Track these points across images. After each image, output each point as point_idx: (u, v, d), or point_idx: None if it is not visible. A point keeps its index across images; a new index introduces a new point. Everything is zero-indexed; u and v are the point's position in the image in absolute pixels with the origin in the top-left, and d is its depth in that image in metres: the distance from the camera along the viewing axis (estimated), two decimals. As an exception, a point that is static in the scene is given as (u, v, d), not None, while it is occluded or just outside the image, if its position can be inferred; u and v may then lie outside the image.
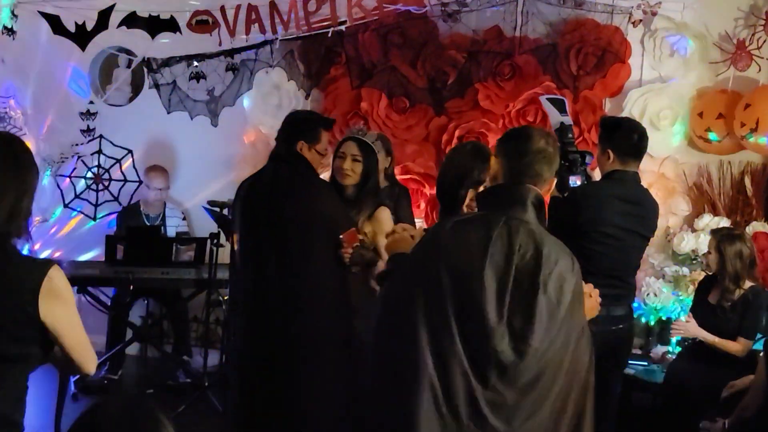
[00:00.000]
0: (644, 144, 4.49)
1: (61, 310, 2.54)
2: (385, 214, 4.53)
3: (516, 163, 2.81)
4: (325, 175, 4.83)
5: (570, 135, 4.50)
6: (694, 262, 6.18)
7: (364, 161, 4.53)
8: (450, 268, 2.68)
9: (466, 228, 2.79)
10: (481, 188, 3.27)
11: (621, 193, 4.39)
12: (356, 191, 4.52)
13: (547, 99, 4.79)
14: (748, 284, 5.32)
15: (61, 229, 7.26)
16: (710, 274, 5.54)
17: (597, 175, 4.73)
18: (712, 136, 6.36)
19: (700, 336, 5.32)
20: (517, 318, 2.61)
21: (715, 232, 5.50)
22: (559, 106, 4.64)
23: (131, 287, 6.05)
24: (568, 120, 4.57)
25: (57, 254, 7.16)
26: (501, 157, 2.88)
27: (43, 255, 7.28)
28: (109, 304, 6.66)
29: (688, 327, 5.35)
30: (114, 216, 7.01)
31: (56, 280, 2.50)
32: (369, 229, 4.46)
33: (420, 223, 6.80)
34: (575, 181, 4.36)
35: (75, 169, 7.07)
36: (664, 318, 6.20)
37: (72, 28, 6.38)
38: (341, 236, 4.18)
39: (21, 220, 2.54)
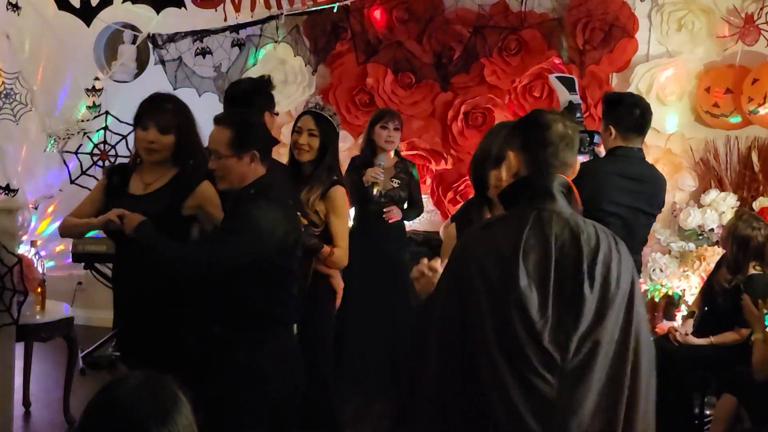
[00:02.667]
0: (647, 119, 4.45)
1: None
2: (339, 193, 4.28)
3: (540, 154, 2.63)
4: (284, 151, 4.75)
5: (578, 114, 4.48)
6: (700, 237, 6.18)
7: (321, 135, 4.32)
8: (484, 278, 2.53)
9: (496, 230, 2.64)
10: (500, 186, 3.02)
11: (622, 170, 4.36)
12: (313, 167, 4.32)
13: (557, 77, 4.78)
14: (751, 272, 5.22)
15: (69, 206, 7.27)
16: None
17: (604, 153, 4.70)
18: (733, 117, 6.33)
19: (695, 343, 5.29)
20: (566, 311, 2.49)
21: (736, 214, 5.44)
22: (569, 84, 4.62)
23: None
24: (576, 99, 4.55)
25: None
26: (520, 149, 2.69)
27: (49, 232, 7.31)
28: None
29: (688, 339, 5.32)
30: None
31: None
32: (321, 207, 4.25)
33: (426, 198, 6.79)
34: (583, 160, 4.35)
35: (81, 145, 7.07)
36: (670, 293, 6.21)
37: (77, 4, 6.35)
38: None
39: None
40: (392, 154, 5.89)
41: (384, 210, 5.71)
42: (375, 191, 5.59)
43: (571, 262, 2.52)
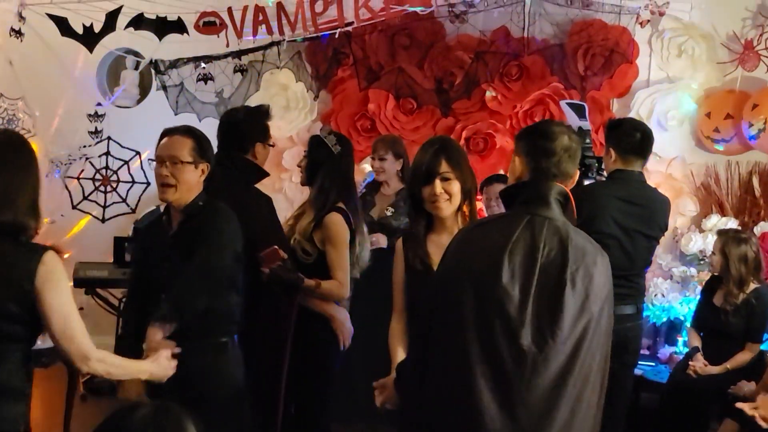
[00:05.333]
0: (647, 143, 4.48)
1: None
2: (334, 220, 4.13)
3: (543, 162, 2.74)
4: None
5: (588, 140, 4.49)
6: (701, 262, 6.18)
7: (309, 155, 4.26)
8: (470, 270, 2.65)
9: (488, 228, 2.77)
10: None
11: (622, 193, 4.38)
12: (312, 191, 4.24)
13: (567, 104, 4.80)
14: (752, 286, 5.30)
15: (69, 231, 7.27)
16: (715, 274, 5.52)
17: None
18: (717, 146, 6.37)
19: (712, 372, 5.26)
20: (545, 315, 2.56)
21: (721, 234, 5.48)
22: (579, 111, 4.64)
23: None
24: (586, 125, 4.56)
25: (65, 256, 7.15)
26: (524, 155, 2.79)
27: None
28: (118, 305, 6.66)
29: (707, 370, 5.29)
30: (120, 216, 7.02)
31: (50, 264, 2.72)
32: (318, 236, 4.14)
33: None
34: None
35: (83, 170, 7.08)
36: (671, 319, 6.20)
37: (80, 30, 6.39)
38: (260, 254, 3.83)
39: (39, 216, 2.79)
40: (390, 183, 5.71)
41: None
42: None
43: (555, 268, 2.60)
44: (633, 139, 4.41)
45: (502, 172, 6.14)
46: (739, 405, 3.88)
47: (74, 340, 2.81)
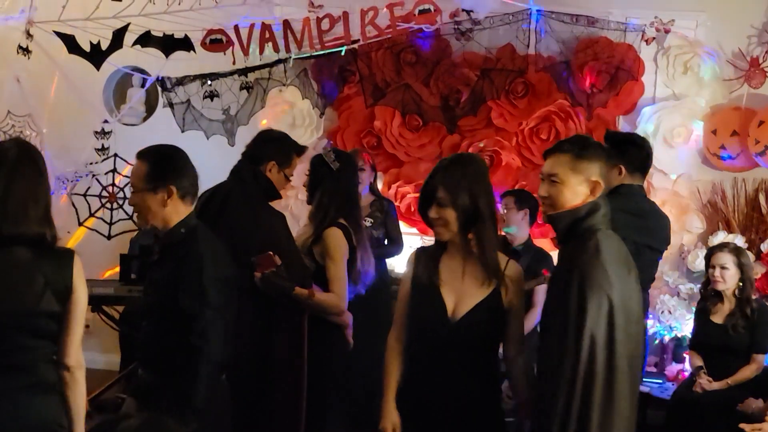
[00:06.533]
0: (651, 159, 4.55)
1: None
2: (331, 235, 4.16)
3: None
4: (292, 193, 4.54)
5: None
6: (708, 279, 6.16)
7: (310, 173, 4.33)
8: None
9: None
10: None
11: (628, 206, 4.36)
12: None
13: None
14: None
15: (78, 248, 7.27)
16: (710, 293, 5.47)
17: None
18: (723, 155, 6.37)
19: (714, 388, 5.25)
20: None
21: (733, 249, 5.46)
22: None
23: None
24: None
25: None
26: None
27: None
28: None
29: (712, 386, 5.27)
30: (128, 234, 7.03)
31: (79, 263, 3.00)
32: (318, 249, 4.18)
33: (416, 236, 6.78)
34: None
35: (90, 187, 7.09)
36: (679, 335, 6.18)
37: (87, 48, 6.40)
38: (254, 258, 3.86)
39: (53, 224, 2.99)
40: (363, 192, 5.73)
41: None
42: None
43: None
44: (642, 156, 4.44)
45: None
46: (742, 426, 3.88)
47: (79, 336, 3.03)
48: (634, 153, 4.43)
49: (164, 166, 3.28)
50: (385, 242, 6.02)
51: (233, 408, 3.47)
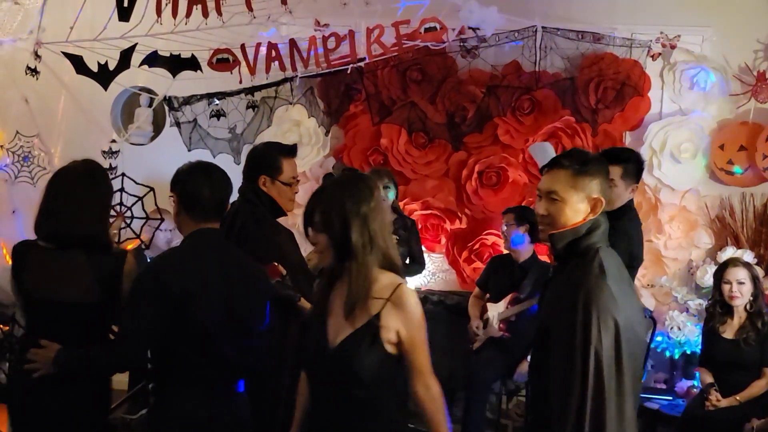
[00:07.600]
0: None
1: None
2: None
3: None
4: (299, 212, 4.61)
5: None
6: (718, 295, 6.13)
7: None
8: None
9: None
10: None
11: (638, 222, 4.49)
12: None
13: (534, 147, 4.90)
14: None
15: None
16: (718, 311, 5.42)
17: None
18: (736, 169, 6.36)
19: (727, 404, 5.20)
20: None
21: (746, 264, 5.44)
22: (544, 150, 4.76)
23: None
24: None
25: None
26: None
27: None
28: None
29: (722, 403, 5.23)
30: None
31: (131, 262, 3.46)
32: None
33: (441, 258, 6.81)
34: None
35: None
36: (688, 352, 6.15)
37: (94, 68, 6.43)
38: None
39: (106, 229, 3.48)
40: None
41: None
42: None
43: None
44: (640, 167, 4.49)
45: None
46: None
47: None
48: (639, 169, 4.45)
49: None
50: (407, 261, 6.01)
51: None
